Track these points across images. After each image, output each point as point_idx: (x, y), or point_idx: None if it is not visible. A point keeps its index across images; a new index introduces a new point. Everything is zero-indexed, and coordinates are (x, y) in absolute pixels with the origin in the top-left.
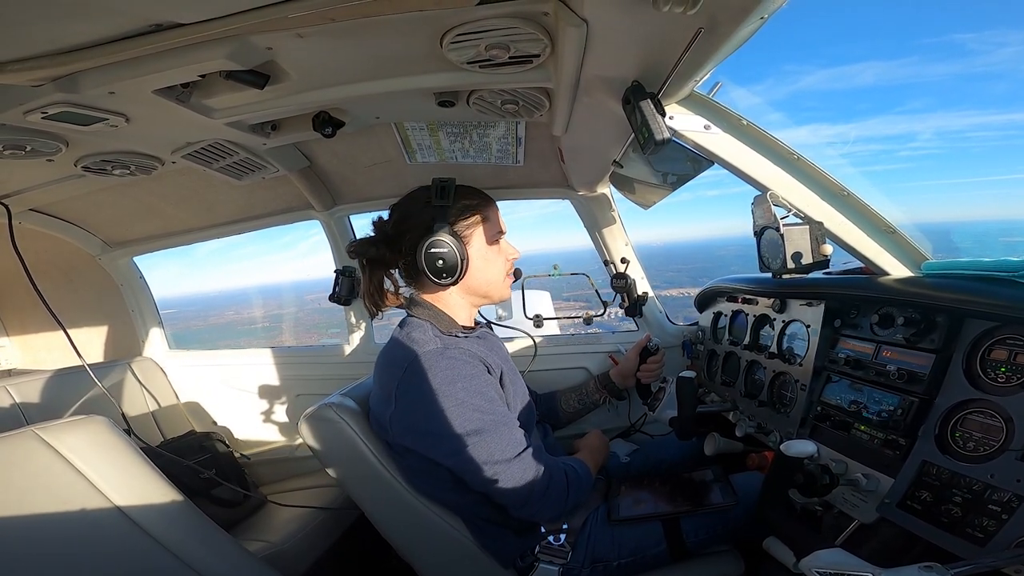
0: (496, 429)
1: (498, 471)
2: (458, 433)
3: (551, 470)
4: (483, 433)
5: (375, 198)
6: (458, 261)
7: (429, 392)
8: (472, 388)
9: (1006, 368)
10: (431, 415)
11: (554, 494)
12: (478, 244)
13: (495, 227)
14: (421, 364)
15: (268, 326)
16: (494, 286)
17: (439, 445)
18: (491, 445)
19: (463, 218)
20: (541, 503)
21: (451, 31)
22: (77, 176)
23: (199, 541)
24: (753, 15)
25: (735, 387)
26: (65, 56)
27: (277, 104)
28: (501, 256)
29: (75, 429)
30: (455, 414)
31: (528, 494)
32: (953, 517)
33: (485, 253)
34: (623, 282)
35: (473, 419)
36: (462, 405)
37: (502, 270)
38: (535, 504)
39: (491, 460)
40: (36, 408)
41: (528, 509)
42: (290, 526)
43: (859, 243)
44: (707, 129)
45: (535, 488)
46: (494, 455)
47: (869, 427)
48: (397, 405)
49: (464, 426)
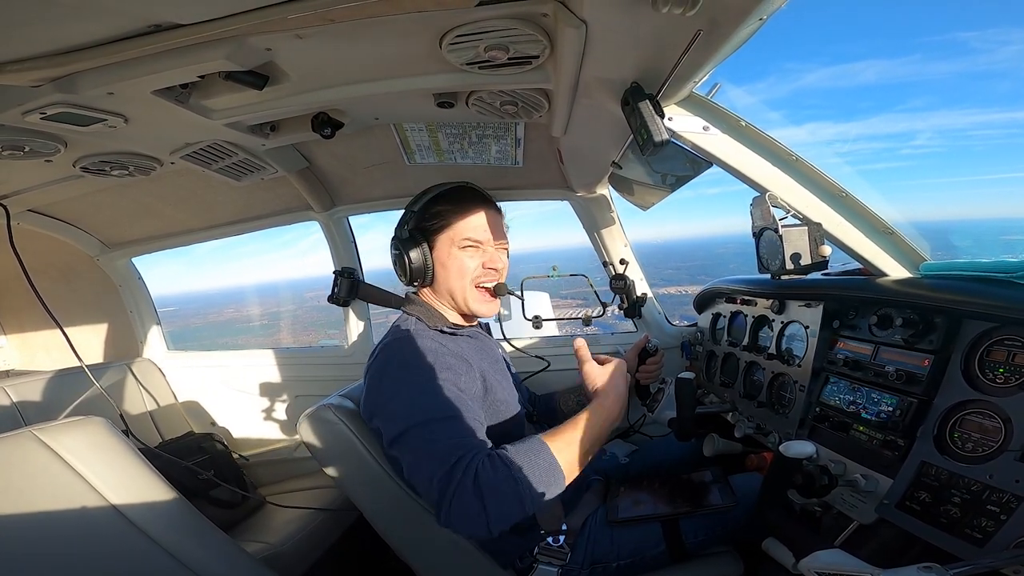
0: (421, 427)
1: (412, 473)
2: (396, 423)
3: (459, 475)
4: (407, 432)
5: (374, 199)
6: (408, 263)
7: (384, 377)
8: (422, 376)
9: (1004, 369)
10: (381, 399)
11: (457, 507)
12: (441, 248)
13: (465, 232)
14: (386, 350)
15: (266, 324)
16: (458, 295)
17: (384, 430)
18: (414, 441)
19: (429, 223)
20: (447, 518)
21: (450, 32)
22: (76, 177)
23: (197, 542)
24: (752, 16)
25: (734, 388)
26: (64, 57)
27: (276, 105)
28: (472, 263)
29: (73, 430)
30: (397, 403)
31: (435, 505)
32: (952, 518)
33: (445, 261)
34: (622, 283)
35: (407, 412)
36: (408, 394)
37: (466, 277)
38: (442, 519)
39: (410, 459)
40: (34, 409)
41: (443, 523)
42: (289, 527)
43: (857, 244)
44: (706, 130)
45: (435, 498)
46: (412, 454)
47: (868, 428)
48: (366, 386)
49: (400, 417)
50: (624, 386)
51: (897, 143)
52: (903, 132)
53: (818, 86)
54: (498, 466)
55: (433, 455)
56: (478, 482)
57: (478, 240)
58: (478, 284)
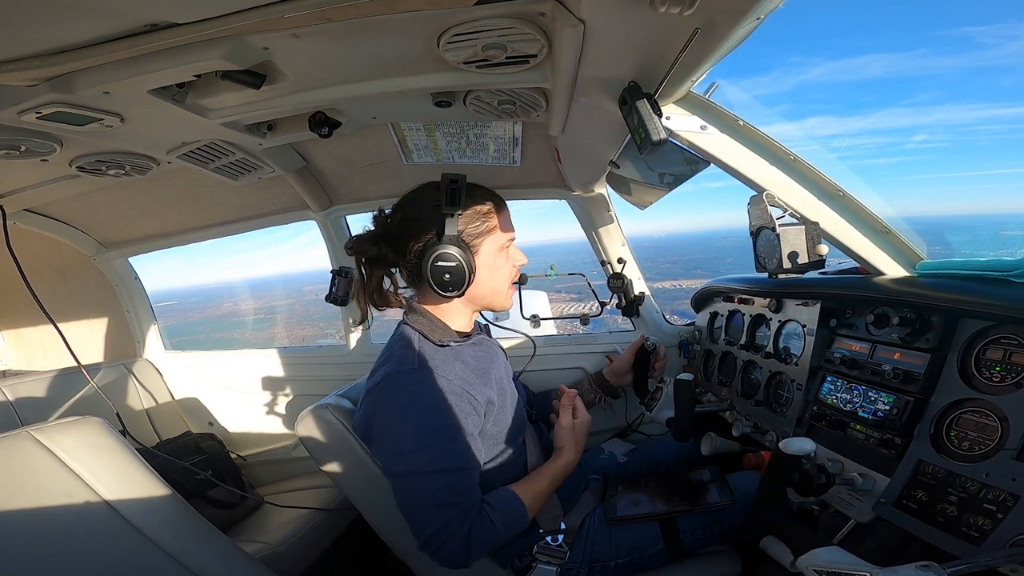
0: (421, 476)
1: (407, 511)
2: (397, 463)
3: (452, 523)
4: (408, 475)
5: (372, 198)
6: (466, 274)
7: (387, 412)
8: (426, 424)
9: (1001, 367)
10: (383, 432)
11: (447, 548)
12: (486, 253)
13: (505, 235)
14: (392, 382)
15: (263, 318)
16: (498, 296)
17: (383, 462)
18: (413, 485)
19: (473, 225)
20: (435, 553)
21: (448, 31)
22: (72, 176)
23: (195, 542)
24: (749, 16)
25: (732, 387)
26: (59, 56)
27: (273, 104)
28: (508, 264)
29: (70, 430)
30: (398, 444)
31: (423, 542)
32: (949, 516)
33: (492, 262)
34: (620, 282)
35: (408, 457)
36: (411, 439)
37: (508, 279)
38: (430, 553)
39: (409, 500)
40: (31, 409)
41: (427, 553)
42: (287, 527)
43: (854, 243)
44: (703, 129)
45: (426, 537)
46: (410, 496)
47: (865, 426)
48: (361, 411)
49: (401, 459)
50: (583, 443)
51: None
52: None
53: (822, 80)
54: (486, 524)
55: (429, 505)
56: (470, 538)
57: (513, 239)
58: (511, 283)
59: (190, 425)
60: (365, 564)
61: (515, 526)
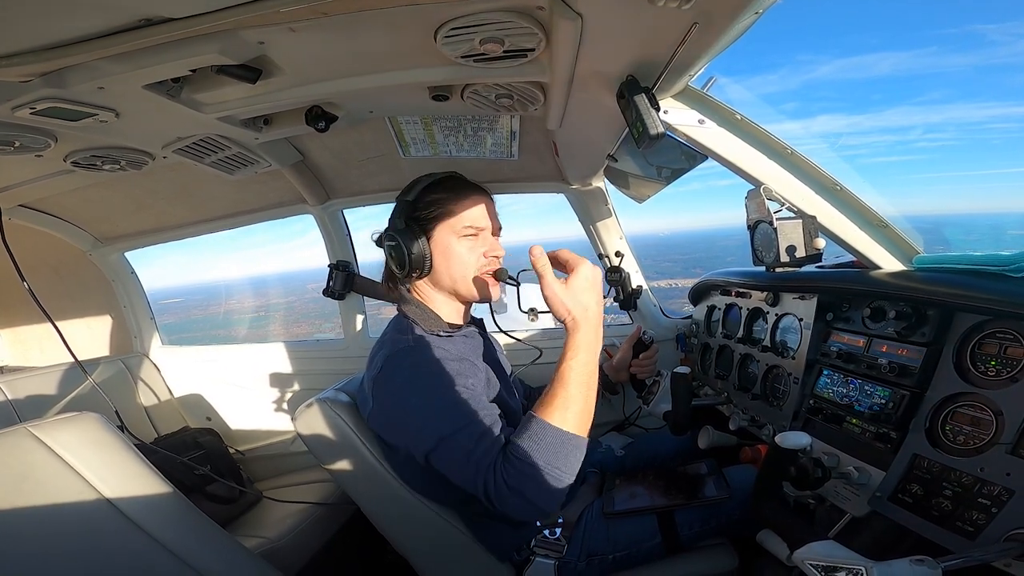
0: (450, 438)
1: (458, 479)
2: (425, 438)
3: (493, 480)
4: (439, 444)
5: (369, 192)
6: (406, 255)
7: (398, 394)
8: (437, 389)
9: (996, 362)
10: (402, 416)
11: (511, 508)
12: (440, 237)
13: (465, 220)
14: (392, 364)
15: (263, 315)
16: (460, 283)
17: (414, 447)
18: (447, 450)
19: (426, 212)
20: (502, 514)
21: (445, 25)
22: (67, 171)
23: (195, 538)
24: (747, 10)
25: (729, 380)
26: (53, 52)
27: (269, 99)
28: (473, 252)
29: (67, 426)
30: (419, 419)
31: (483, 503)
32: (943, 511)
33: (445, 249)
34: (617, 276)
35: (432, 426)
36: (427, 408)
37: (469, 268)
38: (497, 514)
39: (450, 467)
40: (28, 405)
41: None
42: (286, 522)
43: (851, 237)
44: (701, 123)
45: (482, 497)
46: (448, 463)
47: (861, 420)
48: (374, 403)
49: (428, 432)
50: (594, 297)
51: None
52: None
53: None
54: (515, 464)
55: (469, 464)
56: (509, 486)
57: (479, 228)
58: (483, 271)
59: (188, 420)
60: (365, 558)
61: (552, 448)
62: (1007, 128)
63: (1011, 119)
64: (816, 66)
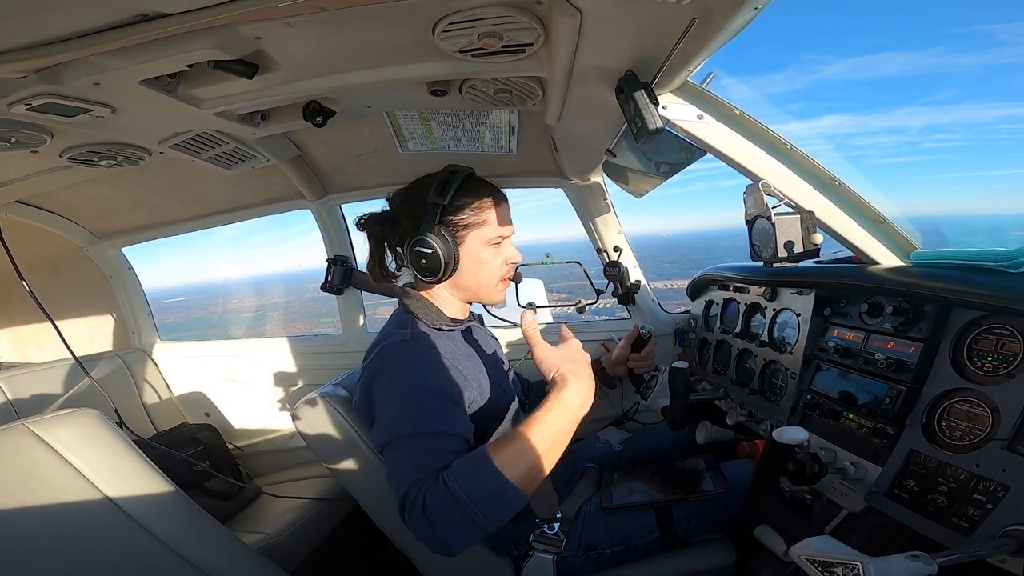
0: (401, 441)
1: (399, 476)
2: (387, 429)
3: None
4: (392, 443)
5: (367, 187)
6: (441, 264)
7: (377, 385)
8: (412, 388)
9: (992, 357)
10: (375, 407)
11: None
12: (471, 245)
13: (495, 229)
14: (382, 354)
15: (261, 315)
16: (484, 289)
17: (376, 434)
18: (393, 453)
19: (459, 216)
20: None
21: (443, 19)
22: (63, 167)
23: (194, 534)
24: (747, 5)
25: (726, 375)
26: (49, 47)
27: (267, 94)
28: (498, 259)
29: (66, 422)
30: (389, 410)
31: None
32: (939, 506)
33: (477, 256)
34: (616, 270)
35: (398, 421)
36: (396, 406)
37: (495, 275)
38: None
39: (388, 469)
40: (26, 402)
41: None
42: (285, 517)
43: (849, 232)
44: (700, 119)
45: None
46: (388, 465)
47: (858, 416)
48: (359, 390)
49: (393, 425)
50: (585, 366)
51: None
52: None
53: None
54: (441, 489)
55: (397, 473)
56: (426, 508)
57: (504, 236)
58: (503, 278)
59: (186, 416)
60: (364, 553)
61: (485, 491)
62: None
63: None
64: (822, 66)
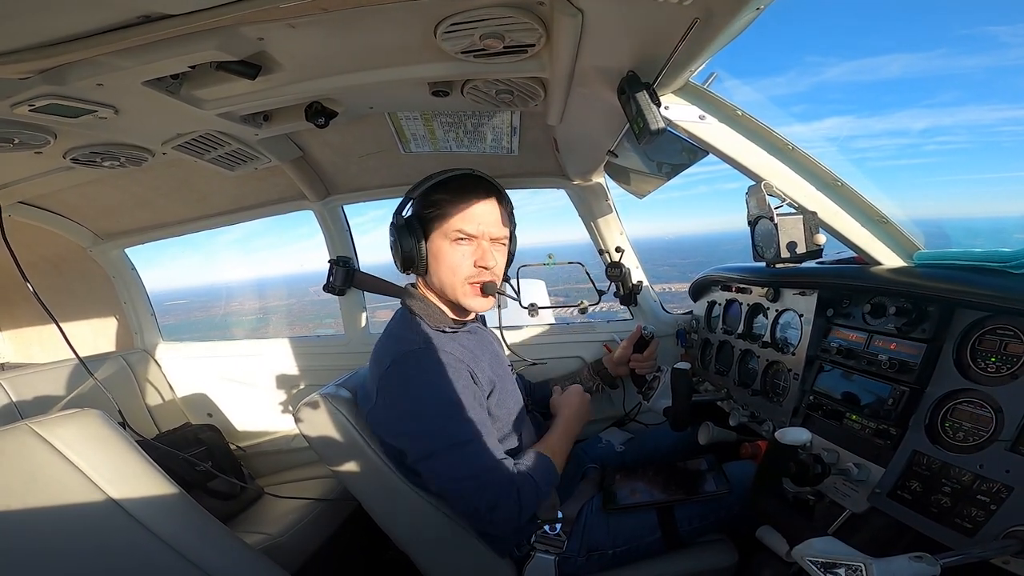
0: (454, 449)
1: (449, 488)
2: (424, 443)
3: (500, 489)
4: (438, 453)
5: (369, 188)
6: (400, 253)
7: (405, 396)
8: (445, 398)
9: (996, 358)
10: (404, 418)
11: (502, 514)
12: (434, 242)
13: (453, 227)
14: (402, 364)
15: (261, 317)
16: (449, 288)
17: (410, 448)
18: (448, 461)
19: (426, 212)
20: (490, 523)
21: (445, 20)
22: (66, 168)
23: (196, 534)
24: (749, 6)
25: (729, 376)
26: (52, 48)
27: (269, 95)
28: (457, 256)
29: (69, 423)
30: (423, 424)
31: (475, 514)
32: (943, 507)
33: (437, 252)
34: (618, 271)
35: (437, 434)
36: (433, 416)
37: (457, 274)
38: (484, 524)
39: (447, 476)
40: (29, 402)
41: (479, 527)
42: (288, 518)
43: (852, 233)
44: (702, 119)
45: (480, 510)
46: (448, 472)
47: (861, 416)
48: (377, 401)
49: (429, 438)
50: (579, 403)
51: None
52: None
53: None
54: (529, 483)
55: (469, 479)
56: (520, 499)
57: (470, 234)
58: (470, 282)
59: (189, 416)
60: (366, 554)
61: (551, 480)
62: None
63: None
64: (825, 68)
